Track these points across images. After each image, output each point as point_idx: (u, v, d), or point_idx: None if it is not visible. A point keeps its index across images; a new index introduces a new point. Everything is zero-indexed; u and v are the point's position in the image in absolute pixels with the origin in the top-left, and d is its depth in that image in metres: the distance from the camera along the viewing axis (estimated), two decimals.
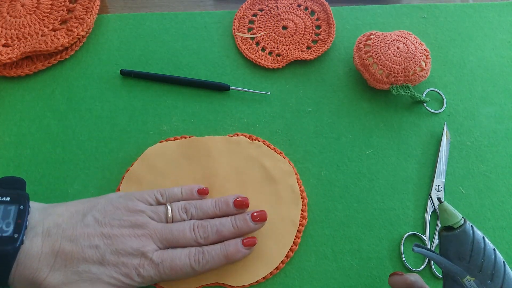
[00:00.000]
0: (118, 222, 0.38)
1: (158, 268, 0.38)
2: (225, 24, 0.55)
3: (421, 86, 0.51)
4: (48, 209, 0.39)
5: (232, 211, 0.42)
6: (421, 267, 0.43)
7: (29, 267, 0.35)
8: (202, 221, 0.40)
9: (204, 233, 0.40)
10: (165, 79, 0.51)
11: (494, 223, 0.45)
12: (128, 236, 0.38)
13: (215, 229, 0.40)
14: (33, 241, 0.36)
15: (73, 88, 0.52)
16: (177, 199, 0.42)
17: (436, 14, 0.56)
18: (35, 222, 0.37)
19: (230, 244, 0.40)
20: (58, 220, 0.38)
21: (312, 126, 0.50)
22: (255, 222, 0.41)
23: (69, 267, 0.36)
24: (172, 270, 0.38)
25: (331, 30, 0.54)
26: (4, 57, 0.51)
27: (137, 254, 0.37)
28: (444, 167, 0.47)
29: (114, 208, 0.39)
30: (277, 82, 0.52)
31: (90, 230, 0.37)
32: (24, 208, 0.36)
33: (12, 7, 0.54)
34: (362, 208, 0.46)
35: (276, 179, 0.46)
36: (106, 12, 0.57)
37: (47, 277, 0.36)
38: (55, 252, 0.36)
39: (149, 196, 0.41)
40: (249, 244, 0.40)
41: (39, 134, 0.49)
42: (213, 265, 0.39)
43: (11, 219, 0.36)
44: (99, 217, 0.38)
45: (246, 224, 0.41)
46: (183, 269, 0.38)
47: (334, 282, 0.43)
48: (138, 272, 0.37)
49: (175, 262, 0.38)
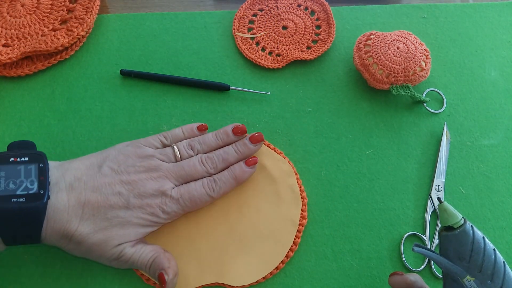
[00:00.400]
0: (133, 169, 0.41)
1: (179, 202, 0.41)
2: (225, 24, 0.55)
3: (421, 86, 0.51)
4: (64, 165, 0.40)
5: (232, 139, 0.45)
6: (421, 267, 0.43)
7: (59, 220, 0.37)
8: (208, 154, 0.44)
9: (212, 163, 0.43)
10: (165, 79, 0.51)
11: (494, 223, 0.45)
12: (145, 179, 0.40)
13: (221, 158, 0.44)
14: (58, 196, 0.37)
15: (73, 88, 0.52)
16: (180, 139, 0.45)
17: (436, 14, 0.56)
18: (56, 178, 0.38)
19: (236, 167, 0.44)
20: (77, 173, 0.39)
21: (312, 126, 0.50)
22: (254, 143, 0.45)
23: (98, 215, 0.38)
24: (192, 201, 0.41)
25: (331, 30, 0.54)
26: (4, 57, 0.51)
27: (158, 194, 0.40)
28: (444, 167, 0.47)
29: (125, 156, 0.41)
30: (277, 82, 0.52)
31: (110, 179, 0.40)
32: (44, 166, 0.38)
33: (12, 7, 0.54)
34: (362, 208, 0.46)
35: (276, 179, 0.46)
36: (106, 12, 0.57)
37: (78, 227, 0.37)
38: (82, 203, 0.38)
39: (154, 140, 0.44)
40: (251, 163, 0.44)
41: (39, 134, 0.49)
42: (226, 189, 0.43)
43: (34, 177, 0.37)
44: (114, 166, 0.40)
45: (246, 148, 0.45)
46: (201, 199, 0.42)
47: (334, 282, 0.43)
48: (162, 209, 0.40)
49: (192, 194, 0.41)
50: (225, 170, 0.43)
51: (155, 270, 0.39)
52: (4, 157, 0.38)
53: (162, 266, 0.39)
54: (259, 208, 0.44)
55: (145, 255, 0.39)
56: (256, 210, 0.44)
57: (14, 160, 0.38)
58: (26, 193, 0.36)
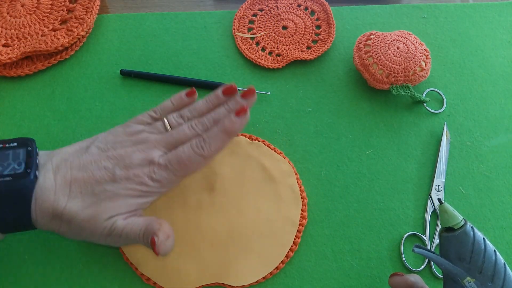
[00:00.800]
0: (120, 145, 0.40)
1: (168, 168, 0.39)
2: (225, 24, 0.55)
3: (421, 86, 0.51)
4: (54, 151, 0.40)
5: (224, 100, 0.43)
6: (421, 267, 0.43)
7: (47, 199, 0.37)
8: (199, 118, 0.42)
9: (202, 126, 0.41)
10: (165, 79, 0.51)
11: (494, 223, 0.45)
12: (132, 152, 0.39)
13: (211, 119, 0.41)
14: (46, 176, 0.37)
15: (73, 88, 0.52)
16: (170, 110, 0.43)
17: (436, 14, 0.56)
18: (44, 161, 0.38)
19: (224, 120, 0.40)
20: (64, 155, 0.39)
21: (312, 126, 0.50)
22: (246, 98, 0.42)
23: (85, 192, 0.38)
24: (181, 164, 0.39)
25: (331, 30, 0.54)
26: (4, 57, 0.51)
27: (145, 164, 0.39)
28: (444, 167, 0.47)
29: (114, 136, 0.41)
30: (277, 82, 0.52)
31: (96, 157, 0.39)
32: (32, 149, 0.38)
33: (12, 7, 0.54)
34: (362, 208, 0.46)
35: (276, 179, 0.46)
36: (106, 12, 0.57)
37: (66, 205, 0.37)
38: (68, 182, 0.38)
39: (143, 116, 0.42)
40: (240, 112, 0.41)
41: (39, 134, 0.49)
42: (217, 145, 0.40)
43: (21, 159, 0.37)
44: (102, 145, 0.40)
45: (238, 104, 0.42)
46: (191, 160, 0.39)
47: (334, 282, 0.43)
48: (151, 177, 0.38)
49: (180, 156, 0.39)
50: (214, 126, 0.41)
51: (148, 237, 0.37)
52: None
53: (153, 230, 0.37)
54: (259, 208, 0.44)
55: (137, 226, 0.38)
56: (256, 210, 0.44)
57: (3, 146, 0.38)
58: (13, 173, 0.36)
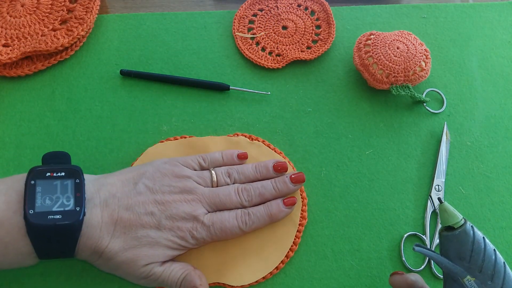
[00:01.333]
0: (168, 189, 0.40)
1: (210, 230, 0.40)
2: (225, 24, 0.55)
3: (421, 86, 0.51)
4: (100, 179, 0.40)
5: (272, 174, 0.44)
6: (421, 267, 0.43)
7: (92, 236, 0.37)
8: (245, 185, 0.43)
9: (248, 196, 0.42)
10: (165, 79, 0.51)
11: (494, 223, 0.45)
12: (179, 201, 0.40)
13: (258, 192, 0.42)
14: (92, 212, 0.38)
15: (73, 88, 0.52)
16: (219, 164, 0.44)
17: (436, 14, 0.56)
18: (91, 193, 0.38)
19: (273, 205, 0.42)
20: (112, 190, 0.39)
21: (312, 126, 0.50)
22: (294, 183, 0.44)
23: (128, 234, 0.38)
24: (222, 231, 0.40)
25: (331, 30, 0.54)
26: (4, 57, 0.51)
27: (189, 218, 0.40)
28: (444, 167, 0.47)
29: (162, 174, 0.41)
30: (277, 82, 0.52)
31: (144, 198, 0.39)
32: (80, 182, 0.38)
33: (12, 7, 0.54)
34: (362, 208, 0.46)
35: None
36: (106, 12, 0.57)
37: (108, 244, 0.37)
38: (114, 220, 0.38)
39: (192, 161, 0.43)
40: (289, 204, 0.43)
41: (39, 134, 0.49)
42: (258, 225, 0.42)
43: (70, 193, 0.37)
44: (150, 184, 0.40)
45: (286, 186, 0.43)
46: (232, 230, 0.41)
47: (334, 282, 0.43)
48: (192, 234, 0.40)
49: (224, 224, 0.40)
50: (261, 205, 0.42)
51: None
52: (41, 172, 0.38)
53: (194, 284, 0.39)
54: None
55: (175, 273, 0.39)
56: None
57: (51, 175, 0.38)
58: (62, 209, 0.36)
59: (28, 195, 0.36)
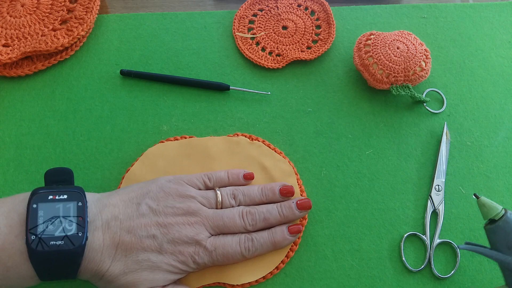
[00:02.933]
0: (172, 210, 0.40)
1: (212, 255, 0.40)
2: (225, 24, 0.55)
3: (421, 86, 0.51)
4: (102, 199, 0.40)
5: (278, 198, 0.43)
6: (421, 267, 0.43)
7: (93, 260, 0.37)
8: (250, 208, 0.42)
9: (252, 220, 0.41)
10: (165, 79, 0.51)
11: None
12: (182, 224, 0.39)
13: (263, 216, 0.42)
14: (94, 235, 0.37)
15: (73, 88, 0.52)
16: (224, 184, 0.44)
17: (436, 14, 0.56)
18: (93, 215, 0.38)
19: (277, 232, 0.42)
20: (114, 211, 0.39)
21: (312, 126, 0.50)
22: (300, 210, 0.43)
23: (129, 257, 0.38)
24: (224, 256, 0.40)
25: (331, 30, 0.54)
26: (4, 57, 0.51)
27: (192, 242, 0.39)
28: (444, 167, 0.47)
29: (166, 194, 0.40)
30: (277, 82, 0.52)
31: (146, 220, 0.39)
32: (82, 205, 0.37)
33: (12, 7, 0.54)
34: (362, 208, 0.46)
35: (276, 179, 0.46)
36: (106, 12, 0.57)
37: (109, 268, 0.37)
38: (116, 244, 0.38)
39: (197, 180, 0.43)
40: (294, 232, 0.42)
41: (39, 134, 0.49)
42: (261, 251, 0.41)
43: (72, 217, 0.37)
44: (153, 205, 0.40)
45: (291, 212, 0.42)
46: (234, 256, 0.40)
47: (334, 282, 0.43)
48: (194, 259, 0.39)
49: (227, 250, 0.40)
50: (265, 231, 0.42)
51: None
52: (43, 195, 0.37)
53: None
54: None
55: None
56: None
57: (53, 198, 0.37)
58: (64, 234, 0.36)
59: (30, 220, 0.36)
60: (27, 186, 0.46)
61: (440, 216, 0.45)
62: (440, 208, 0.45)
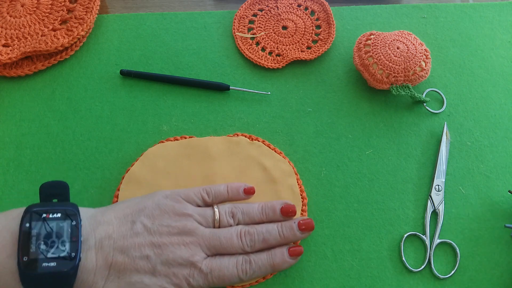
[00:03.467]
0: (167, 229, 0.38)
1: (207, 278, 0.38)
2: (225, 24, 0.55)
3: (421, 86, 0.51)
4: (97, 216, 0.38)
5: (278, 218, 0.42)
6: (421, 267, 0.43)
7: (86, 281, 0.36)
8: (249, 228, 0.40)
9: (251, 241, 0.40)
10: (165, 79, 0.51)
11: (494, 223, 0.45)
12: (177, 244, 0.38)
13: (262, 237, 0.40)
14: (87, 255, 0.36)
15: (73, 88, 0.52)
16: (223, 199, 0.42)
17: (436, 14, 0.56)
18: (86, 233, 0.37)
19: (277, 254, 0.40)
20: (108, 229, 0.38)
21: (312, 126, 0.50)
22: (301, 231, 0.41)
23: (122, 278, 0.37)
24: (220, 279, 0.38)
25: (331, 30, 0.54)
26: (4, 57, 0.51)
27: (186, 264, 0.38)
28: (444, 167, 0.47)
29: (162, 212, 0.39)
30: (277, 82, 0.52)
31: (140, 240, 0.37)
32: (76, 224, 0.36)
33: (12, 7, 0.54)
34: (362, 208, 0.46)
35: (276, 179, 0.46)
36: (106, 12, 0.57)
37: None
38: (109, 264, 0.36)
39: (195, 195, 0.41)
40: (295, 254, 0.40)
41: (39, 134, 0.49)
42: (259, 274, 0.40)
43: (65, 237, 0.36)
44: (148, 224, 0.38)
45: (292, 233, 0.41)
46: (230, 279, 0.39)
47: (334, 282, 0.43)
48: (188, 282, 0.38)
49: (223, 272, 0.38)
50: (264, 254, 0.40)
51: None
52: (37, 213, 0.36)
53: None
54: None
55: None
56: None
57: (47, 217, 0.36)
58: (57, 256, 0.35)
59: (22, 240, 0.35)
60: (27, 186, 0.46)
61: (440, 216, 0.45)
62: (440, 208, 0.45)
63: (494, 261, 0.43)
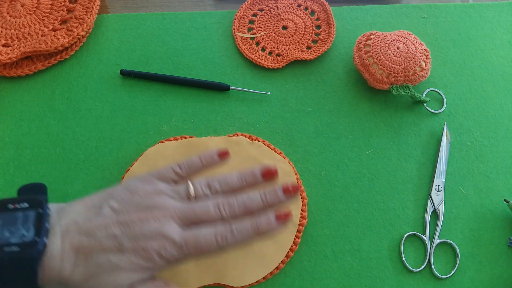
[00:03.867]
0: (135, 207, 0.36)
1: (182, 249, 0.35)
2: (225, 24, 0.55)
3: (421, 86, 0.51)
4: (65, 207, 0.37)
5: (260, 182, 0.38)
6: (421, 267, 0.43)
7: (53, 267, 0.34)
8: (228, 198, 0.37)
9: (230, 211, 0.36)
10: (165, 79, 0.51)
11: (494, 223, 0.45)
12: (146, 219, 0.35)
13: (243, 205, 0.36)
14: (52, 242, 0.35)
15: (73, 88, 0.52)
16: (197, 168, 0.39)
17: (436, 14, 0.56)
18: (53, 222, 0.36)
19: (261, 220, 0.35)
20: (74, 216, 0.36)
21: (312, 126, 0.50)
22: (287, 195, 0.37)
23: (90, 261, 0.35)
24: (198, 249, 0.35)
25: (331, 30, 0.54)
26: (4, 57, 0.51)
27: (156, 237, 0.35)
28: (444, 167, 0.47)
29: (131, 193, 0.37)
30: (277, 82, 0.52)
31: (107, 221, 0.35)
32: (43, 211, 0.35)
33: (12, 7, 0.54)
34: (362, 208, 0.46)
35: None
36: (106, 12, 0.57)
37: (71, 275, 0.35)
38: (75, 248, 0.35)
39: (167, 171, 0.38)
40: (283, 218, 0.36)
41: (39, 134, 0.49)
42: (242, 241, 0.35)
43: (30, 224, 0.35)
44: (116, 206, 0.36)
45: (276, 197, 0.37)
46: (209, 248, 0.35)
47: (334, 282, 0.43)
48: (160, 254, 0.34)
49: (199, 242, 0.35)
50: (247, 220, 0.36)
51: None
52: (3, 203, 0.35)
53: None
54: None
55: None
56: None
57: (13, 207, 0.35)
58: (21, 242, 0.33)
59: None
60: None
61: (440, 216, 0.45)
62: (440, 208, 0.45)
63: (494, 261, 0.43)
